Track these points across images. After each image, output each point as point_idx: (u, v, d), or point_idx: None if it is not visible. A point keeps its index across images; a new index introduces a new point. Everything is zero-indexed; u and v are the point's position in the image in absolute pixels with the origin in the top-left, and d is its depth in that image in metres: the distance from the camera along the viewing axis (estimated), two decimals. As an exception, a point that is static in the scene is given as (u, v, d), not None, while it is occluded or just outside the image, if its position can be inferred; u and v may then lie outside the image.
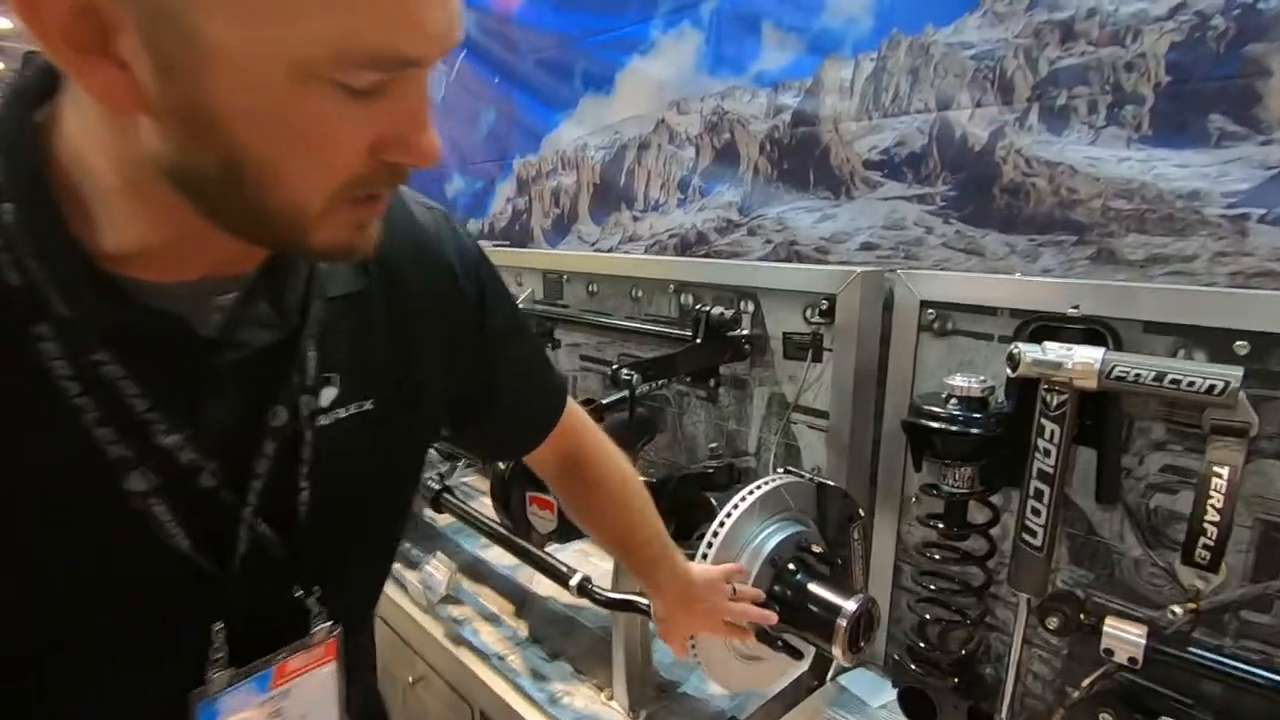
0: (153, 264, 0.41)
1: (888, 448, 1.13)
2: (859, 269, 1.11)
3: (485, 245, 2.08)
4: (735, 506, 0.87)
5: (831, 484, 0.95)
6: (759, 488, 0.89)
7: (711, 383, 1.34)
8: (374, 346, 0.53)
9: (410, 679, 1.40)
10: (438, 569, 1.40)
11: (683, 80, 1.65)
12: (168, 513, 0.43)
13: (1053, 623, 0.86)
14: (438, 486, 1.39)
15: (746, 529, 0.88)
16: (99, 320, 0.40)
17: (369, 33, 0.34)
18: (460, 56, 2.35)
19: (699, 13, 1.58)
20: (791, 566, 0.87)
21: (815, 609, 0.83)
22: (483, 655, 1.22)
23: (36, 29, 0.33)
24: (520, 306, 1.72)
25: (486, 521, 1.31)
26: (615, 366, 1.02)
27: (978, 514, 0.97)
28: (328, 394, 0.50)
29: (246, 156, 0.36)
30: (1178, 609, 0.78)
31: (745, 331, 1.25)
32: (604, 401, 1.24)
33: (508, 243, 2.19)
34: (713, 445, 1.23)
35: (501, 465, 1.26)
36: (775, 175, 1.49)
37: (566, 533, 1.18)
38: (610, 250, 1.93)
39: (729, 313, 1.21)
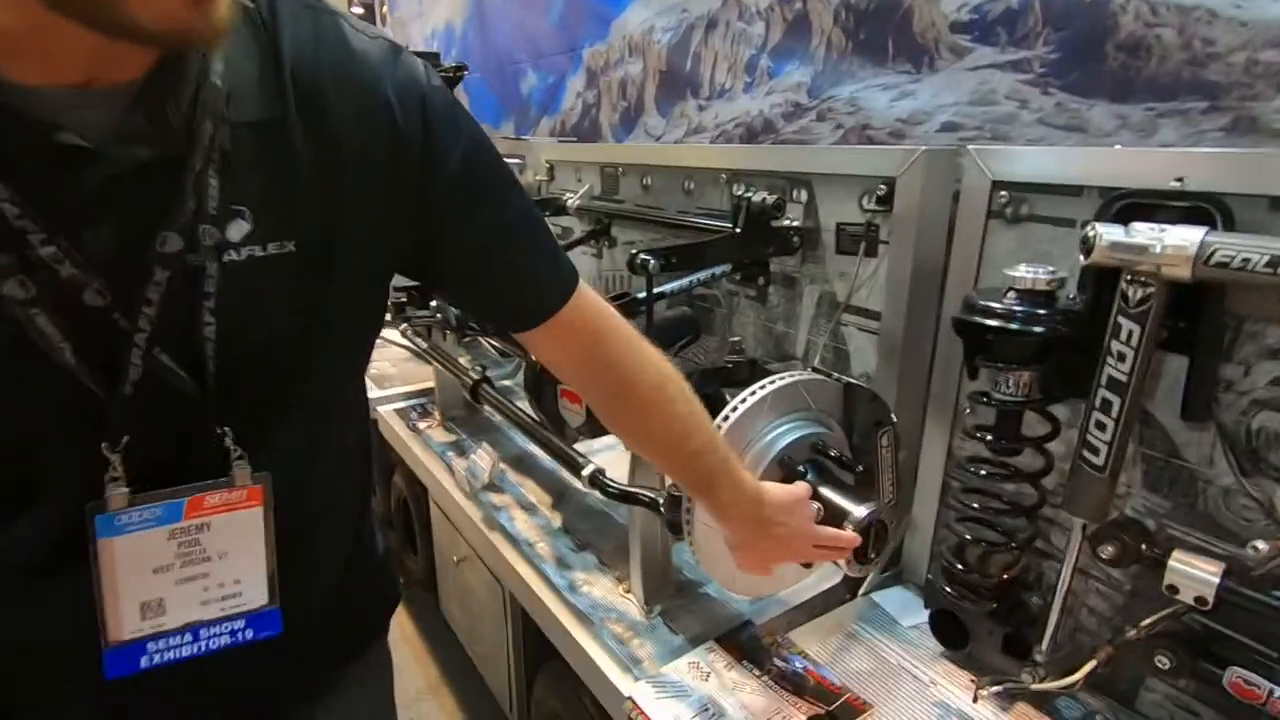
0: (18, 59, 0.39)
1: (944, 352, 1.01)
2: (923, 148, 0.96)
3: (551, 142, 2.00)
4: (743, 400, 0.80)
5: (860, 384, 0.86)
6: (772, 383, 0.81)
7: (760, 280, 1.24)
8: (294, 184, 0.49)
9: (456, 558, 1.46)
10: (482, 458, 1.43)
11: (754, -58, 1.46)
12: (49, 324, 0.42)
13: (1107, 551, 0.75)
14: (477, 376, 1.40)
15: (755, 425, 0.81)
16: None
17: None
18: (531, -62, 2.22)
19: None
20: (801, 468, 0.79)
21: (822, 513, 0.76)
22: (514, 541, 1.24)
23: None
24: (576, 204, 1.67)
25: (518, 413, 1.30)
26: (634, 252, 0.95)
27: (1037, 427, 0.84)
28: (237, 228, 0.47)
29: None
30: (1262, 544, 0.65)
31: (793, 222, 1.13)
32: (637, 295, 1.18)
33: (575, 139, 2.11)
34: (734, 339, 1.15)
35: (534, 358, 1.24)
36: (850, 48, 1.31)
37: (596, 428, 1.16)
38: (676, 144, 1.81)
39: (771, 199, 1.10)
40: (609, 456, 1.17)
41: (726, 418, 0.79)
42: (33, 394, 0.44)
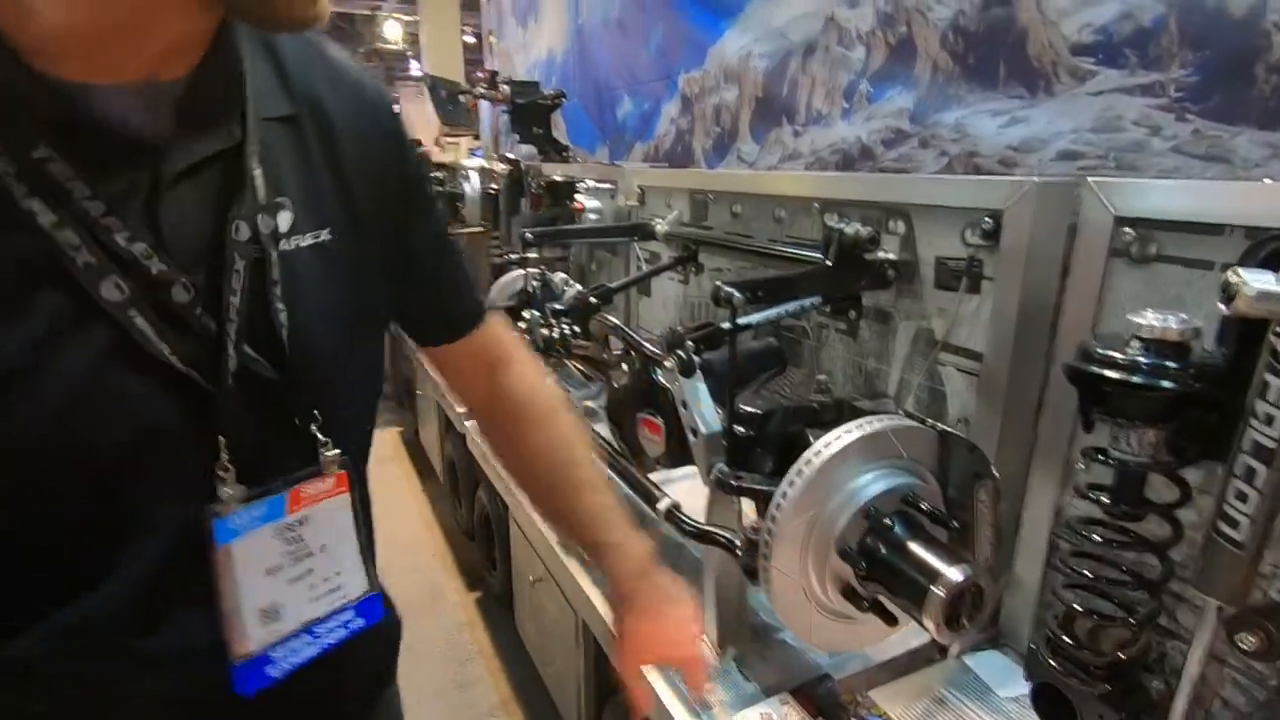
0: (84, 60, 0.39)
1: (1054, 400, 0.93)
2: (1035, 179, 0.89)
3: (644, 168, 2.02)
4: (827, 445, 0.76)
5: (957, 434, 0.80)
6: (859, 427, 0.77)
7: (852, 314, 1.19)
8: (316, 175, 0.51)
9: (532, 578, 1.47)
10: (561, 481, 1.44)
11: (857, -34, 1.43)
12: (149, 325, 0.42)
13: (1248, 641, 0.65)
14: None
15: (840, 471, 0.76)
16: (36, 112, 0.38)
17: None
18: (633, -31, 2.27)
19: (881, -120, 1.34)
20: (888, 520, 0.74)
21: (910, 571, 0.71)
22: (588, 567, 1.24)
23: None
24: (665, 230, 1.67)
25: (597, 439, 1.30)
26: (718, 284, 0.93)
27: (1163, 491, 0.76)
28: (284, 219, 0.48)
29: None
30: None
31: (889, 255, 1.08)
32: (721, 326, 1.16)
33: (666, 165, 2.12)
34: (821, 378, 1.10)
35: (617, 386, 1.24)
36: (957, 72, 1.25)
37: (675, 458, 1.14)
38: (768, 170, 1.78)
39: (865, 231, 1.05)
40: (685, 487, 1.14)
41: (809, 461, 0.75)
42: (137, 400, 0.43)
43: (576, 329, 1.53)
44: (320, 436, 0.51)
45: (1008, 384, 0.96)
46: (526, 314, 1.67)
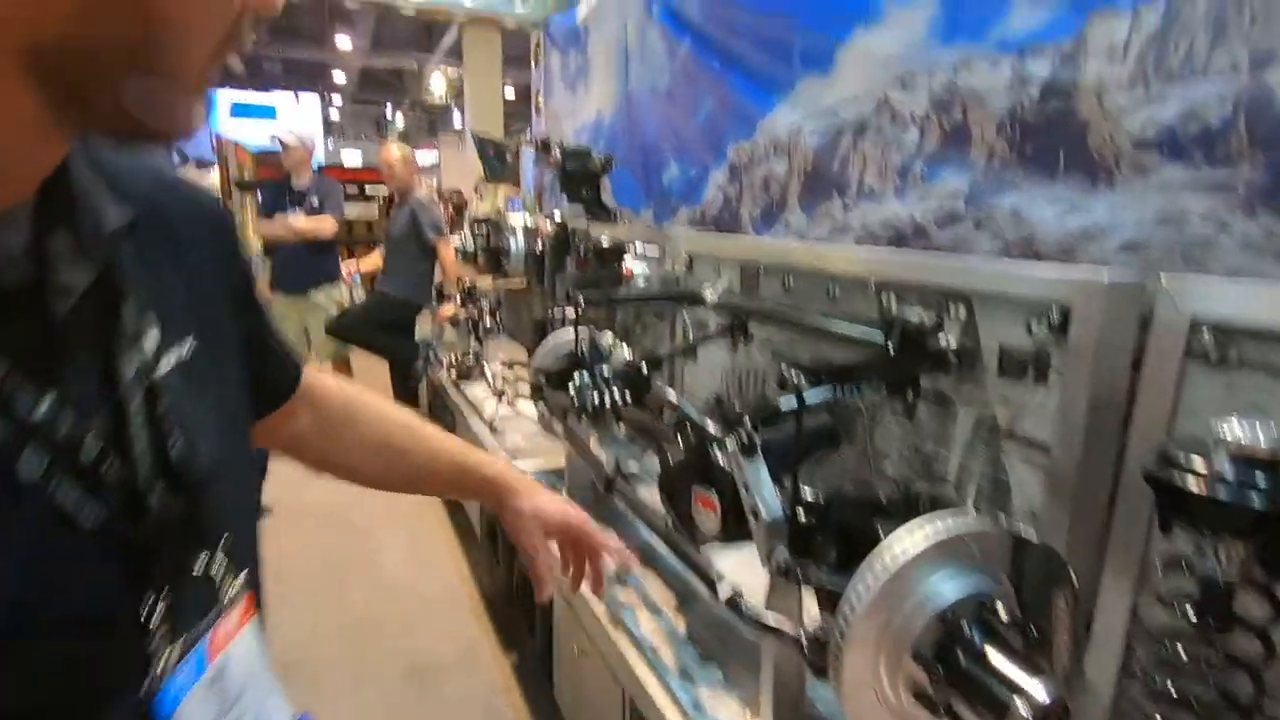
0: None
1: (1128, 500, 0.91)
2: (1106, 276, 0.89)
3: (690, 232, 2.06)
4: (901, 546, 0.75)
5: (1034, 539, 0.78)
6: (935, 529, 0.76)
7: (908, 395, 1.19)
8: (165, 283, 0.49)
9: (576, 649, 1.45)
10: (608, 550, 1.43)
11: (911, 53, 1.47)
12: (71, 490, 0.38)
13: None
14: (611, 471, 1.42)
15: (913, 574, 0.75)
16: None
17: None
18: (684, 44, 2.35)
19: (936, -26, 1.39)
20: (966, 627, 0.73)
21: (991, 684, 0.69)
22: (638, 644, 1.22)
23: None
24: (714, 299, 1.70)
25: (651, 514, 1.30)
26: (783, 365, 0.94)
27: (1253, 606, 0.73)
28: (153, 336, 0.45)
29: (166, 2, 0.34)
30: None
31: (950, 340, 1.08)
32: (777, 405, 1.16)
33: (714, 230, 2.16)
34: (887, 471, 1.09)
35: (672, 459, 1.24)
36: (1014, 159, 1.27)
37: (730, 534, 1.13)
38: (817, 242, 1.80)
39: (929, 321, 1.05)
40: (736, 559, 1.13)
41: (883, 562, 0.75)
42: (68, 574, 0.39)
43: (628, 395, 1.54)
44: (223, 567, 0.47)
45: (1077, 479, 0.94)
46: (576, 376, 1.69)
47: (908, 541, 0.76)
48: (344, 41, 12.20)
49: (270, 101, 14.91)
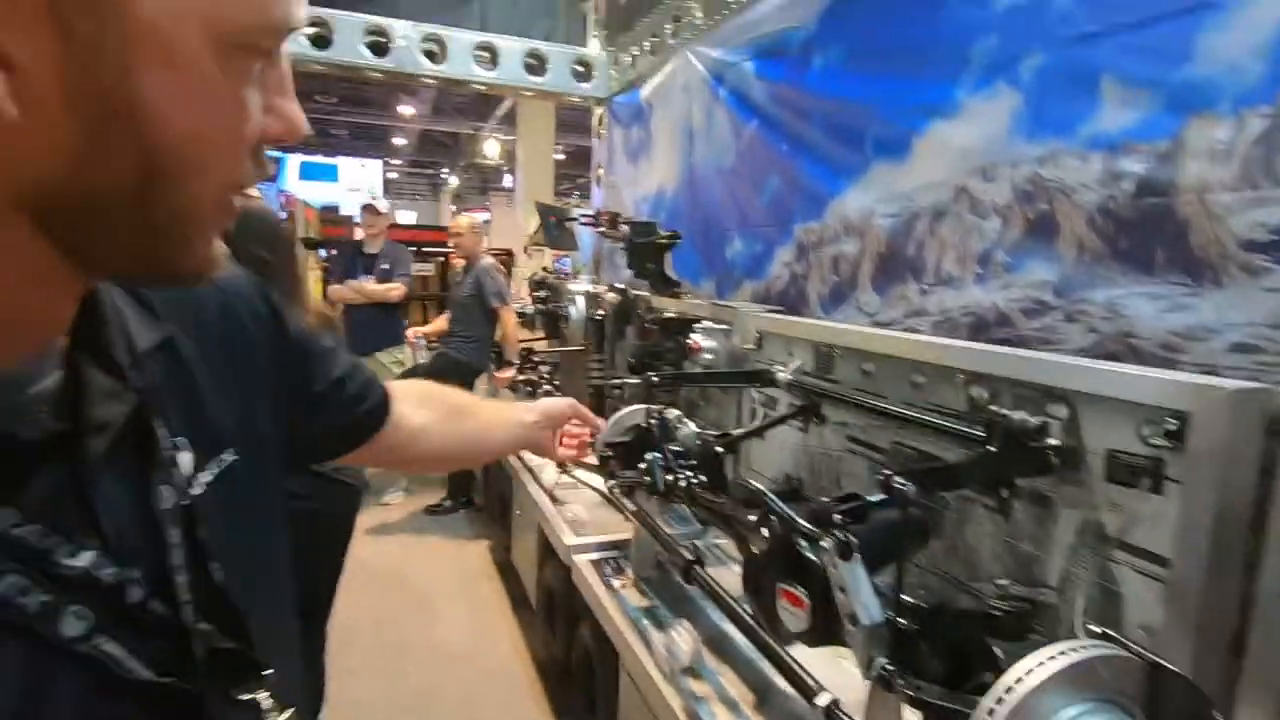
0: None
1: (1264, 622, 0.85)
2: (1229, 385, 0.86)
3: (755, 310, 2.06)
4: (1029, 672, 0.72)
5: (1174, 669, 0.74)
6: (1064, 654, 0.73)
7: (1003, 492, 1.15)
8: (200, 394, 0.48)
9: (645, 741, 1.40)
10: (683, 637, 1.40)
11: (991, 145, 1.48)
12: (118, 647, 0.36)
13: None
14: (690, 556, 1.39)
15: (1040, 704, 0.71)
16: None
17: (281, 5, 0.35)
18: (752, 125, 2.42)
19: (1017, 71, 1.41)
20: (1104, 766, 0.68)
21: None
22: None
23: None
24: (787, 379, 1.69)
25: (734, 603, 1.27)
26: (887, 474, 0.93)
27: None
28: (185, 461, 0.44)
29: (167, 144, 0.33)
30: None
31: (1053, 442, 1.05)
32: (869, 500, 1.14)
33: (783, 309, 2.17)
34: (1002, 582, 1.05)
35: (754, 549, 1.22)
36: (1107, 253, 1.25)
37: (818, 636, 1.10)
38: (890, 324, 1.79)
39: (1034, 421, 1.03)
40: (807, 654, 1.09)
41: (1009, 691, 0.71)
42: None
43: (703, 478, 1.53)
44: (271, 703, 0.45)
45: (1202, 597, 0.89)
46: (648, 455, 1.69)
47: (1034, 667, 0.72)
48: (407, 109, 12.90)
49: (335, 163, 15.82)
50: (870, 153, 1.85)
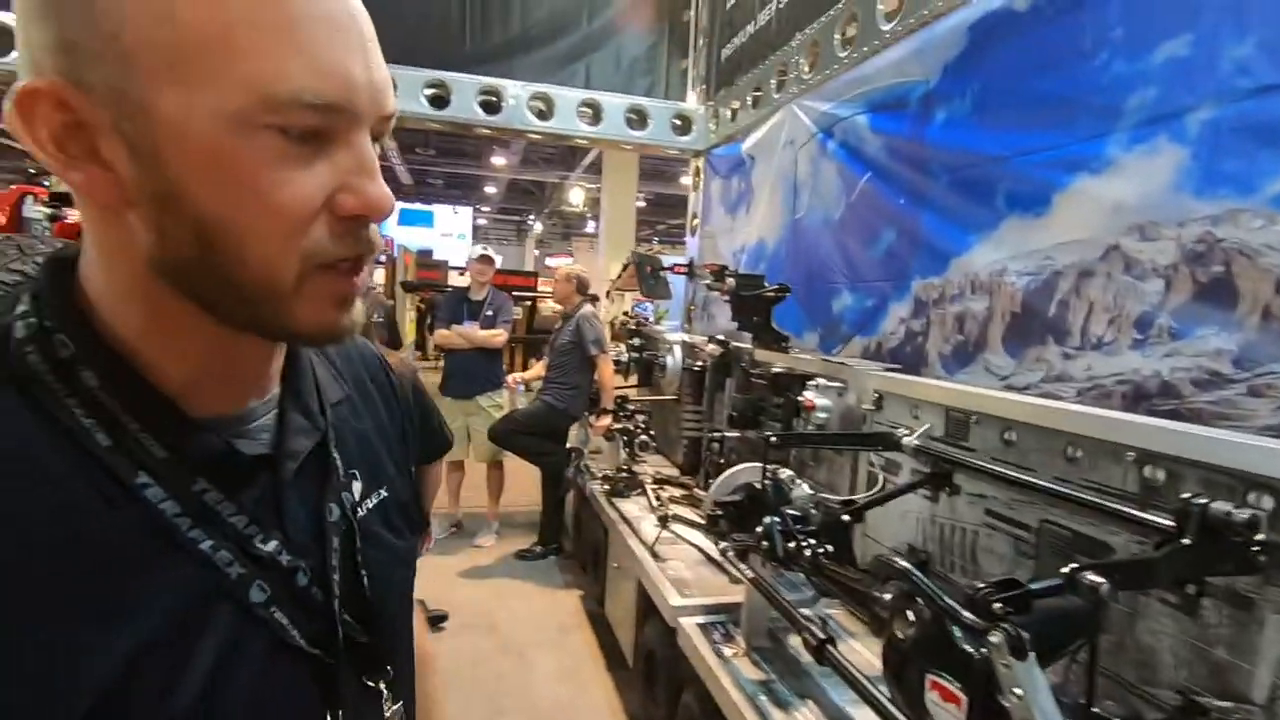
0: (207, 395, 0.46)
1: None
2: None
3: (871, 367, 1.98)
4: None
5: None
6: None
7: (1191, 589, 1.03)
8: (369, 443, 0.59)
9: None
10: (809, 723, 1.31)
11: (1151, 202, 1.38)
12: (285, 617, 0.46)
13: None
14: (822, 635, 1.32)
15: None
16: (192, 451, 0.44)
17: (288, 79, 0.38)
18: (864, 178, 2.38)
19: (1183, 124, 1.32)
20: None
21: None
22: None
23: (31, 140, 0.38)
24: (915, 444, 1.60)
25: (873, 690, 1.18)
26: (1075, 568, 0.84)
27: None
28: (356, 488, 0.55)
29: (210, 220, 0.39)
30: None
31: (1261, 537, 0.93)
32: (1035, 587, 1.04)
33: (899, 367, 2.08)
34: (1201, 698, 0.93)
35: (899, 632, 1.14)
36: (1303, 322, 1.13)
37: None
38: (1026, 389, 1.68)
39: (1242, 514, 0.92)
40: None
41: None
42: (284, 688, 0.47)
43: (829, 548, 1.45)
44: (386, 692, 0.54)
45: None
46: (765, 520, 1.62)
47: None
48: (499, 160, 13.53)
49: (430, 210, 16.71)
50: (1002, 208, 1.77)
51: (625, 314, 5.87)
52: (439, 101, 3.49)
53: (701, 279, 3.88)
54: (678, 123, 3.89)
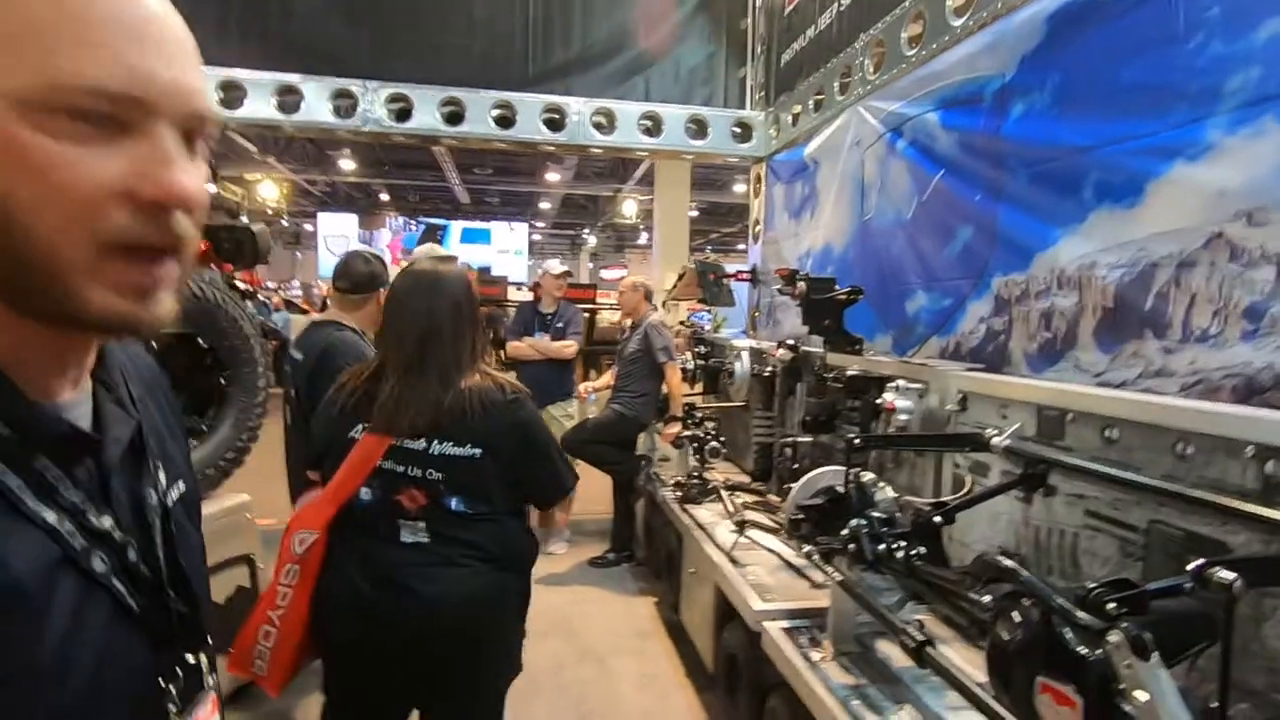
0: (46, 384, 0.49)
1: None
2: None
3: (952, 367, 1.94)
4: None
5: None
6: None
7: (1324, 589, 0.98)
8: (163, 438, 0.62)
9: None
10: (908, 727, 1.30)
11: (1258, 186, 1.33)
12: (122, 586, 0.50)
13: None
14: (921, 637, 1.30)
15: None
16: (34, 432, 0.47)
17: (78, 68, 0.40)
18: (937, 176, 2.34)
19: (1291, 103, 1.27)
20: None
21: None
22: None
23: None
24: (1006, 444, 1.56)
25: (979, 693, 1.16)
26: (1203, 563, 0.82)
27: None
28: (163, 476, 0.58)
29: None
30: None
31: (1407, 534, 0.88)
32: (1151, 587, 1.01)
33: (983, 366, 2.04)
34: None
35: (1004, 634, 1.12)
36: None
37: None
38: (1122, 385, 1.63)
39: (1384, 509, 0.87)
40: None
41: None
42: (116, 652, 0.49)
43: (923, 551, 1.44)
44: (206, 663, 0.58)
45: None
46: (852, 522, 1.61)
47: None
48: (553, 175, 13.78)
49: (488, 227, 17.14)
50: (1089, 200, 1.72)
51: (681, 323, 5.88)
52: (505, 122, 3.60)
53: (768, 284, 3.88)
54: (738, 130, 3.90)
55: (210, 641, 0.60)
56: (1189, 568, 0.86)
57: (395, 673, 1.43)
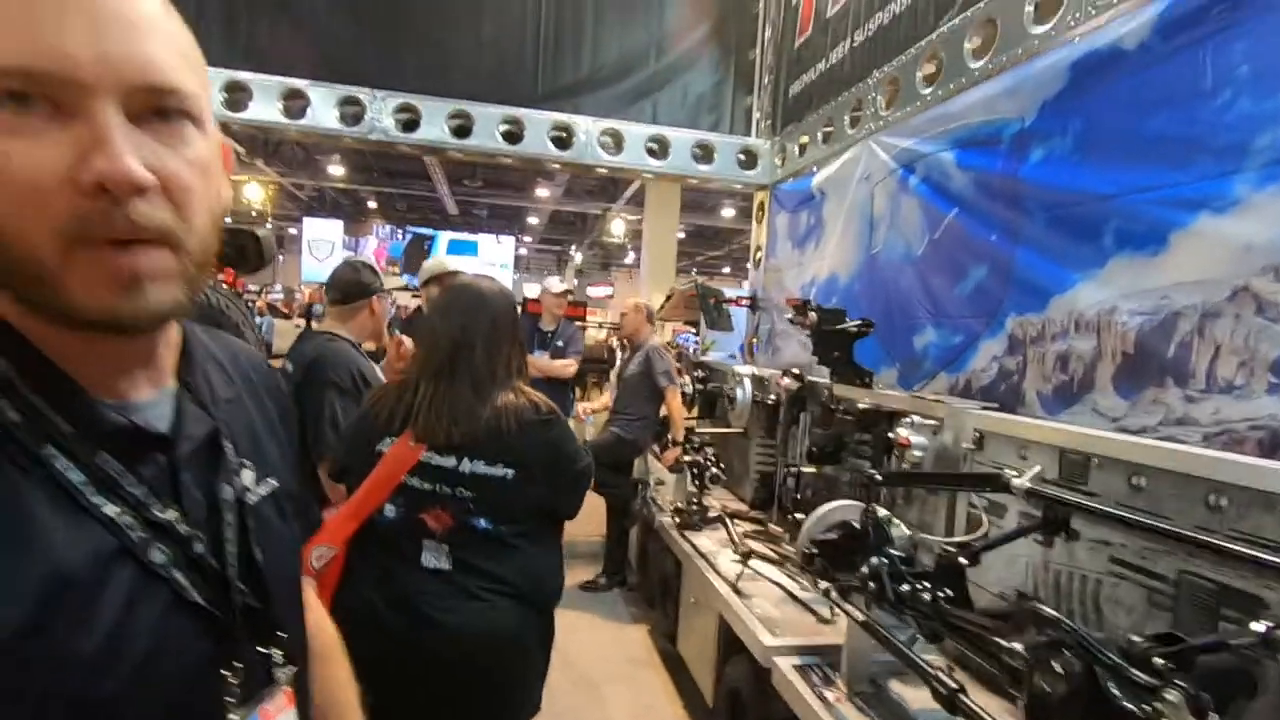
0: (100, 384, 0.50)
1: None
2: None
3: (966, 405, 1.93)
4: None
5: None
6: None
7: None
8: (258, 436, 0.64)
9: None
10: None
11: (1287, 242, 1.35)
12: (183, 577, 0.50)
13: None
14: (953, 685, 1.28)
15: None
16: (97, 428, 0.48)
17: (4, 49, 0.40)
18: (951, 214, 2.37)
19: (1321, 165, 1.30)
20: None
21: None
22: None
23: None
24: (1026, 486, 1.56)
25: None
26: (1272, 626, 0.81)
27: None
28: (247, 477, 0.59)
29: None
30: None
31: None
32: (1194, 643, 1.00)
33: (996, 405, 2.04)
34: None
35: (1045, 685, 1.10)
36: None
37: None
38: (1141, 431, 1.64)
39: None
40: None
41: None
42: (179, 642, 0.50)
43: (950, 593, 1.42)
44: (279, 656, 0.58)
45: None
46: (872, 561, 1.59)
47: None
48: (543, 191, 13.78)
49: (476, 240, 17.06)
50: (1110, 246, 1.75)
51: (667, 344, 5.88)
52: (512, 138, 3.59)
53: (768, 311, 3.88)
54: (743, 157, 3.93)
55: (286, 635, 0.59)
56: (1257, 628, 0.85)
57: (418, 692, 1.38)
